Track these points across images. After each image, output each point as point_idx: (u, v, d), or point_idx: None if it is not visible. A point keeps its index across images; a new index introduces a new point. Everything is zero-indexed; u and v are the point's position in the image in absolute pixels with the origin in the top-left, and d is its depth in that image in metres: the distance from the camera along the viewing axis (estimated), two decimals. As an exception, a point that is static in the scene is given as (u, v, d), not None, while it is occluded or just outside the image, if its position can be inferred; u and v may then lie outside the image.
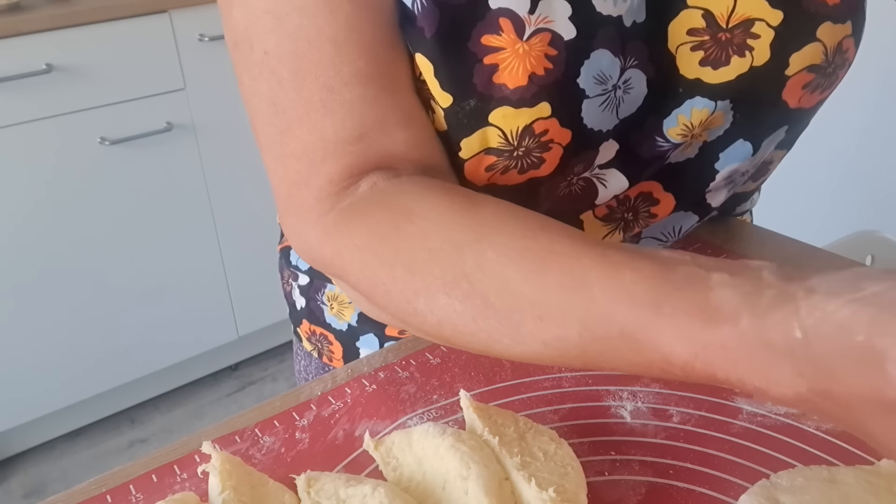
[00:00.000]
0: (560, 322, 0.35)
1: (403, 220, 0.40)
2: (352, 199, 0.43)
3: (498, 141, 0.46)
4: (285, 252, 0.68)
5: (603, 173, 0.52)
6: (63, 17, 1.60)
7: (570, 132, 0.47)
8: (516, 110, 0.44)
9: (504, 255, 0.37)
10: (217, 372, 2.16)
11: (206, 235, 1.92)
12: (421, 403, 0.48)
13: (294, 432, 0.46)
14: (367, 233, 0.41)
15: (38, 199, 1.68)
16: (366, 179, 0.44)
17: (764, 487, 0.37)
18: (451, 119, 0.45)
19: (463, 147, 0.46)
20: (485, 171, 0.48)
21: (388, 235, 0.40)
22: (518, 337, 0.36)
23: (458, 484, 0.37)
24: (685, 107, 0.49)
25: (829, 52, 0.48)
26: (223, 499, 0.37)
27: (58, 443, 1.95)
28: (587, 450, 0.43)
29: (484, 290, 0.37)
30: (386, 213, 0.41)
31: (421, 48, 0.44)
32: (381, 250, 0.40)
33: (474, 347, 0.38)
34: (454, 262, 0.38)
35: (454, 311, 0.37)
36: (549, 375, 0.49)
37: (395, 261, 0.40)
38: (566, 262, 0.35)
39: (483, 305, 0.37)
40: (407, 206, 0.41)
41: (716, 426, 0.44)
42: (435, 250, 0.38)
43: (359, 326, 0.63)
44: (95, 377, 1.88)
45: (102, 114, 1.70)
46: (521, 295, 0.36)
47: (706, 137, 0.52)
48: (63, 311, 1.78)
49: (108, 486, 0.43)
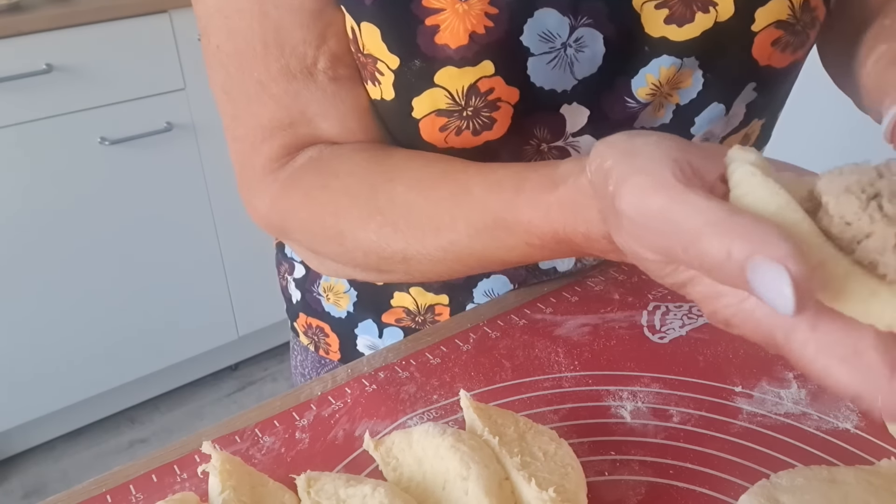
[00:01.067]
0: (451, 226, 0.42)
1: (330, 178, 0.48)
2: (290, 170, 0.51)
3: (446, 101, 0.47)
4: (280, 246, 0.69)
5: (576, 141, 0.52)
6: (63, 17, 1.60)
7: (517, 91, 0.48)
8: (460, 70, 0.46)
9: (408, 186, 0.45)
10: (217, 372, 2.16)
11: (206, 235, 1.93)
12: (421, 403, 0.48)
13: (294, 432, 0.46)
14: (303, 195, 0.49)
15: (37, 199, 1.68)
16: (302, 154, 0.51)
17: (764, 487, 0.37)
18: (399, 81, 0.47)
19: (414, 107, 0.48)
20: (439, 132, 0.49)
21: (318, 193, 0.48)
22: (423, 249, 0.44)
23: (458, 484, 0.37)
24: (652, 65, 0.49)
25: (795, 8, 0.48)
26: (223, 499, 0.37)
27: (58, 443, 1.95)
28: (587, 450, 0.43)
29: (394, 217, 0.45)
30: (316, 176, 0.49)
31: (365, 17, 0.46)
32: (314, 207, 0.48)
33: (396, 268, 0.47)
34: (369, 201, 0.46)
35: (372, 241, 0.46)
36: (549, 375, 0.49)
37: (324, 212, 0.48)
38: (456, 178, 0.43)
39: (393, 230, 0.45)
40: (333, 167, 0.49)
41: (716, 426, 0.44)
42: (354, 196, 0.47)
43: (356, 313, 0.64)
44: (95, 377, 1.88)
45: (102, 114, 1.70)
46: (422, 213, 0.44)
47: (679, 100, 0.52)
48: (63, 311, 1.78)
49: (108, 486, 0.43)
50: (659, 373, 0.49)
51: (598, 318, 0.55)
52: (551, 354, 0.51)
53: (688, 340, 0.52)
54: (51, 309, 1.76)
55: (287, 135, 0.50)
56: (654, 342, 0.52)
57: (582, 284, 0.59)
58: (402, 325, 0.63)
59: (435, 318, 0.62)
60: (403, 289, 0.61)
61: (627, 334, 0.53)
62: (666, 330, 0.53)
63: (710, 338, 0.52)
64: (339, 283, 0.64)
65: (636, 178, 0.29)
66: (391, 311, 0.62)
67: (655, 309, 0.55)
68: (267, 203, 0.51)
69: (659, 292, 0.57)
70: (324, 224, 0.48)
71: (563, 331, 0.54)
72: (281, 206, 0.51)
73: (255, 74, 0.49)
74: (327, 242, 0.49)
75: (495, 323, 0.55)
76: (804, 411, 0.45)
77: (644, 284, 0.58)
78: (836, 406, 0.45)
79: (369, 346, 0.65)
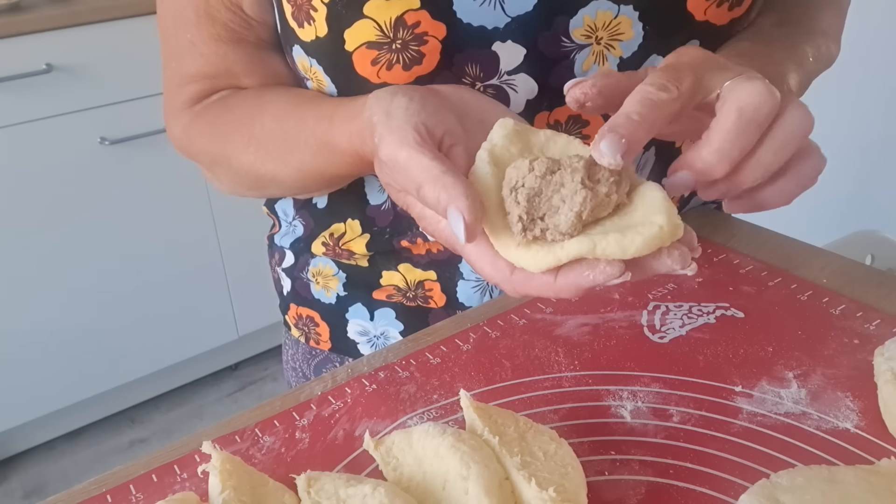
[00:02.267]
0: (299, 149, 0.52)
1: (225, 111, 0.58)
2: (203, 105, 0.60)
3: (375, 34, 0.49)
4: (272, 238, 0.71)
5: (512, 79, 0.53)
6: (63, 17, 1.60)
7: (443, 26, 0.49)
8: (387, 2, 0.48)
9: (272, 117, 0.54)
10: (217, 372, 2.16)
11: (206, 235, 1.93)
12: (421, 403, 0.48)
13: (294, 432, 0.46)
14: (205, 124, 0.59)
15: (37, 199, 1.68)
16: (217, 94, 0.60)
17: (764, 487, 0.37)
18: (331, 14, 0.50)
19: (346, 40, 0.50)
20: (371, 66, 0.51)
21: (216, 123, 0.58)
22: (285, 169, 0.54)
23: (459, 484, 0.37)
24: (590, 7, 0.50)
25: None
26: (223, 499, 0.37)
27: (58, 443, 1.95)
28: (587, 449, 0.43)
29: (265, 142, 0.54)
30: (217, 108, 0.58)
31: None
32: (212, 135, 0.58)
33: (269, 185, 0.57)
34: (249, 129, 0.55)
35: (250, 162, 0.55)
36: (549, 375, 0.49)
37: (217, 139, 0.58)
38: (302, 110, 0.52)
39: (265, 153, 0.54)
40: (229, 103, 0.58)
41: (716, 426, 0.44)
42: (239, 126, 0.56)
43: (347, 297, 0.65)
44: (95, 377, 1.88)
45: (102, 114, 1.70)
46: (282, 140, 0.53)
47: (622, 54, 0.53)
48: (63, 311, 1.78)
49: (109, 485, 0.43)
50: (659, 372, 0.49)
51: (598, 317, 0.55)
52: (551, 354, 0.51)
53: (688, 340, 0.52)
54: (51, 309, 1.76)
55: (209, 83, 0.59)
56: (654, 342, 0.52)
57: (582, 284, 0.59)
58: (394, 302, 0.63)
59: (426, 294, 0.62)
60: (392, 267, 0.62)
61: (627, 334, 0.53)
62: (666, 330, 0.53)
63: (710, 337, 0.52)
64: (328, 266, 0.65)
65: (390, 136, 0.40)
66: (381, 290, 0.63)
67: (655, 309, 0.55)
68: (180, 129, 0.61)
69: (659, 292, 0.57)
70: (217, 148, 0.58)
71: (563, 330, 0.54)
72: (191, 133, 0.60)
73: (187, 35, 0.57)
74: (219, 163, 0.58)
75: (495, 323, 0.55)
76: (804, 411, 0.45)
77: (644, 284, 0.58)
78: (836, 406, 0.45)
79: (360, 332, 0.65)
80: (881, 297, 0.55)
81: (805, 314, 0.54)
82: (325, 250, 0.64)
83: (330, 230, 0.63)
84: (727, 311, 0.54)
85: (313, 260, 0.66)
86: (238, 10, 0.56)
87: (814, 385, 0.47)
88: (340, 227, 0.62)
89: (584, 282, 0.35)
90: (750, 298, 0.56)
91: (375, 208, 0.60)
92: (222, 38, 0.57)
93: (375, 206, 0.60)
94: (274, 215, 0.69)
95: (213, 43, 0.57)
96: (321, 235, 0.63)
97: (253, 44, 0.58)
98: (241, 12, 0.56)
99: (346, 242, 0.62)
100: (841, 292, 0.55)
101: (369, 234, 0.61)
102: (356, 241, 0.62)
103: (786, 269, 0.59)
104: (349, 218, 0.61)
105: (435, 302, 0.63)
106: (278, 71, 0.59)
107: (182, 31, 0.57)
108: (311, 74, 0.55)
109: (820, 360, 0.49)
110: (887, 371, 0.44)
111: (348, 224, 0.62)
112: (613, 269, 0.35)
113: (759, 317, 0.54)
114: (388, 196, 0.56)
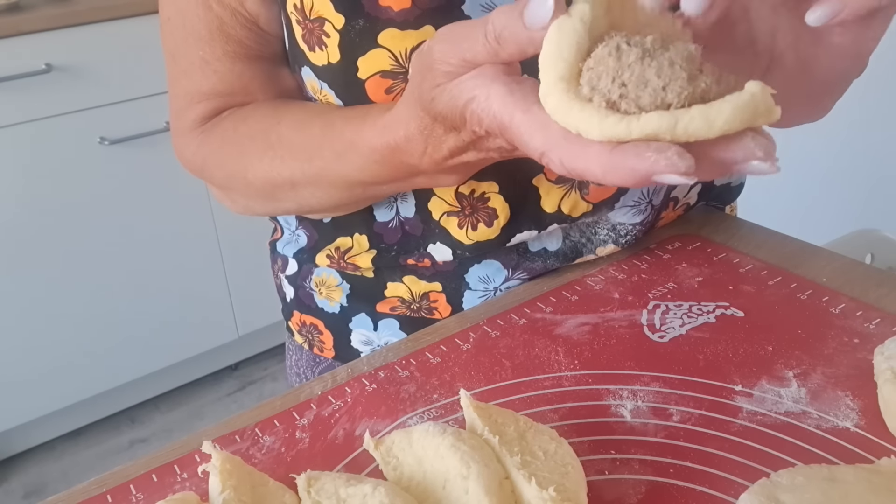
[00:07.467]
0: (320, 154, 0.50)
1: (239, 125, 0.56)
2: (213, 122, 0.58)
3: (390, 63, 0.49)
4: (274, 245, 0.70)
5: None
6: (63, 17, 1.60)
7: None
8: (402, 32, 0.48)
9: (290, 126, 0.53)
10: (217, 372, 2.16)
11: (205, 235, 1.92)
12: (421, 403, 0.48)
13: (294, 432, 0.46)
14: (218, 140, 0.57)
15: (37, 199, 1.68)
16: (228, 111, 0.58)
17: (764, 486, 0.37)
18: (344, 41, 0.50)
19: (360, 67, 0.50)
20: (386, 94, 0.51)
21: (230, 137, 0.56)
22: (303, 176, 0.52)
23: (459, 483, 0.37)
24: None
25: None
26: (223, 498, 0.37)
27: (58, 443, 1.95)
28: (587, 449, 0.43)
29: (282, 152, 0.53)
30: (230, 123, 0.57)
31: None
32: (227, 148, 0.56)
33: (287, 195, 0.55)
34: (265, 140, 0.54)
35: (266, 171, 0.54)
36: (549, 375, 0.49)
37: (233, 152, 0.56)
38: (325, 117, 0.51)
39: (281, 161, 0.53)
40: (243, 114, 0.57)
41: (716, 425, 0.44)
42: (254, 137, 0.55)
43: (350, 307, 0.64)
44: (95, 377, 1.88)
45: (102, 114, 1.70)
46: (300, 146, 0.52)
47: None
48: (63, 311, 1.78)
49: (109, 485, 0.43)
50: (659, 372, 0.49)
51: (597, 317, 0.55)
52: (551, 353, 0.51)
53: (688, 339, 0.52)
54: (51, 309, 1.76)
55: (222, 100, 0.58)
56: (654, 341, 0.52)
57: (582, 283, 0.59)
58: (398, 314, 0.63)
59: (431, 306, 0.62)
60: (396, 278, 0.61)
61: (627, 333, 0.53)
62: (666, 329, 0.53)
63: (710, 337, 0.52)
64: (331, 276, 0.64)
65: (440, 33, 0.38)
66: (385, 301, 0.63)
67: (655, 308, 0.55)
68: (192, 149, 0.59)
69: (659, 291, 0.57)
70: (232, 161, 0.56)
71: (563, 330, 0.54)
72: (203, 151, 0.58)
73: (199, 53, 0.56)
74: (235, 176, 0.57)
75: (495, 322, 0.55)
76: (804, 410, 0.45)
77: (644, 283, 0.58)
78: (836, 405, 0.45)
79: (364, 342, 0.65)
80: (881, 295, 0.55)
81: (805, 313, 0.54)
82: (330, 262, 0.63)
83: (336, 244, 0.62)
84: (727, 311, 0.54)
85: (317, 270, 0.65)
86: (254, 26, 0.55)
87: (814, 384, 0.47)
88: (347, 242, 0.61)
89: (642, 164, 0.30)
90: (750, 297, 0.56)
91: (383, 225, 0.59)
92: (238, 55, 0.56)
93: (383, 222, 0.59)
94: (276, 220, 0.69)
95: (228, 60, 0.56)
96: (326, 248, 0.62)
97: (269, 59, 0.57)
98: (257, 28, 0.55)
99: (352, 256, 0.61)
100: (841, 291, 0.55)
101: (376, 251, 0.60)
102: (362, 255, 0.61)
103: (786, 268, 0.59)
104: (356, 233, 0.60)
105: (440, 313, 0.62)
106: (294, 85, 0.58)
107: (192, 49, 0.56)
108: (320, 96, 0.54)
109: (820, 359, 0.49)
110: (887, 370, 0.44)
111: (355, 239, 0.61)
112: (682, 161, 0.29)
113: (759, 316, 0.54)
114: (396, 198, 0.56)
